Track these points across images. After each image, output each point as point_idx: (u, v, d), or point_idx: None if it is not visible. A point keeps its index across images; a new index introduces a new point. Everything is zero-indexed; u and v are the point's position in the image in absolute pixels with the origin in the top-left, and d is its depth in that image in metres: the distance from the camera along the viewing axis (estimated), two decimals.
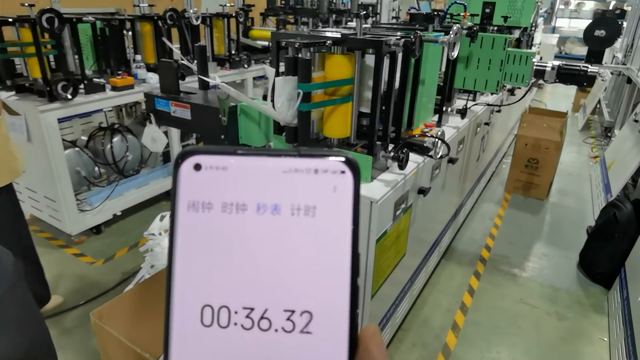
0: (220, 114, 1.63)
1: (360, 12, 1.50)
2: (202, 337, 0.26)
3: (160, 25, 3.18)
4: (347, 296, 0.26)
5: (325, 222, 0.26)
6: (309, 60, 1.39)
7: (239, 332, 0.26)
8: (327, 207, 0.26)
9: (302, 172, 0.26)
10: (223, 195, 0.26)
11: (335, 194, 0.26)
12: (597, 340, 2.32)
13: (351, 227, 0.26)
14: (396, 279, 1.99)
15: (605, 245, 2.72)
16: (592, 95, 6.62)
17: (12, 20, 2.43)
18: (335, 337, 0.26)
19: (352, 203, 0.26)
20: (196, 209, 0.26)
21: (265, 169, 0.26)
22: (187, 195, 0.26)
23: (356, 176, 0.26)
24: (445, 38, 1.71)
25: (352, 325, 0.26)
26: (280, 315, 0.26)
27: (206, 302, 0.26)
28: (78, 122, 3.26)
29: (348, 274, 0.26)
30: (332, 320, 0.26)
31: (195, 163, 0.27)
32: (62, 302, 2.35)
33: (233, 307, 0.26)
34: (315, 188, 0.26)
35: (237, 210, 0.26)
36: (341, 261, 0.26)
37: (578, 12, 14.12)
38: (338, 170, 0.26)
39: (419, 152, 1.79)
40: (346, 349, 0.26)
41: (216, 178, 0.26)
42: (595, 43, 4.58)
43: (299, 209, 0.26)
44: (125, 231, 3.08)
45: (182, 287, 0.26)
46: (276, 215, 0.26)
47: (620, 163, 3.65)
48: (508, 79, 2.39)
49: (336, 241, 0.26)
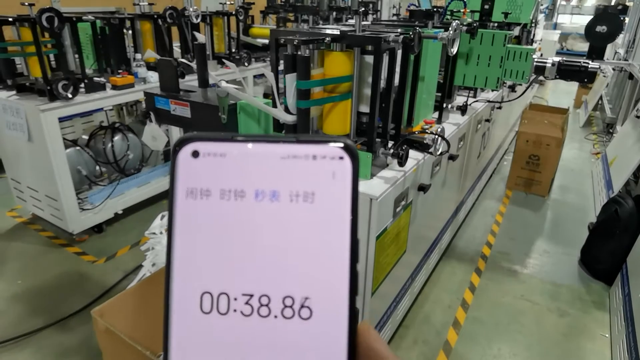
0: (219, 111, 1.63)
1: (360, 9, 1.50)
2: (201, 324, 0.26)
3: (160, 24, 3.18)
4: (347, 282, 0.26)
5: (324, 208, 0.26)
6: (308, 57, 1.38)
7: (238, 319, 0.26)
8: (326, 193, 0.26)
9: (300, 159, 0.26)
10: (221, 182, 0.26)
11: (334, 180, 0.26)
12: (598, 337, 2.32)
13: (350, 212, 0.26)
14: (397, 276, 1.99)
15: (607, 242, 2.71)
16: (593, 91, 6.60)
17: (12, 19, 2.43)
18: (335, 322, 0.26)
19: (350, 189, 0.26)
20: (194, 196, 0.26)
21: (264, 155, 0.26)
22: (185, 183, 0.26)
23: (355, 162, 0.26)
24: (444, 34, 1.70)
25: (351, 310, 0.26)
26: (280, 301, 0.26)
27: (205, 289, 0.26)
28: (79, 121, 3.26)
29: (347, 259, 0.26)
30: (332, 306, 0.26)
31: (193, 150, 0.26)
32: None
33: (232, 293, 0.26)
34: (313, 174, 0.26)
35: (235, 197, 0.26)
36: (340, 247, 0.26)
37: (580, 8, 14.06)
38: (336, 156, 0.26)
39: (419, 149, 1.79)
40: (346, 334, 0.26)
41: (214, 165, 0.26)
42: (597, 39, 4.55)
43: (297, 195, 0.26)
44: (127, 230, 3.09)
45: (181, 274, 0.26)
46: (275, 201, 0.26)
47: (622, 159, 3.64)
48: (508, 75, 2.38)
49: (335, 227, 0.26)
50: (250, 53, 3.83)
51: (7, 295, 2.42)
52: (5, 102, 2.58)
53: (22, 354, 2.06)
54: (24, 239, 2.97)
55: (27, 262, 2.73)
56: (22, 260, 2.75)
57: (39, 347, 2.09)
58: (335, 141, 0.27)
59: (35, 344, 2.11)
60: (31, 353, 2.06)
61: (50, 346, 2.10)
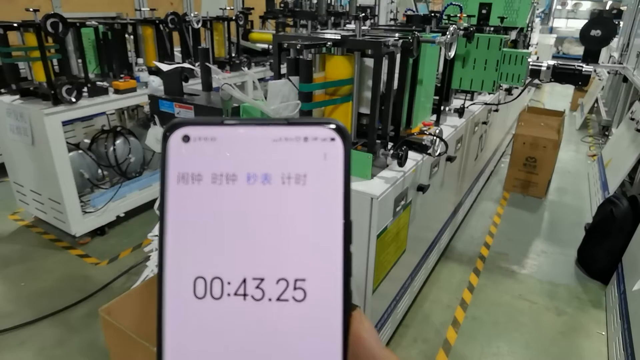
0: (223, 114, 1.67)
1: (360, 15, 1.55)
2: (195, 310, 0.26)
3: (162, 29, 3.22)
4: (340, 263, 0.26)
5: (316, 189, 0.26)
6: (310, 61, 1.43)
7: (232, 303, 0.26)
8: (318, 174, 0.26)
9: (291, 141, 0.26)
10: (212, 166, 0.26)
11: (326, 162, 0.26)
12: (595, 335, 2.35)
13: (342, 194, 0.26)
14: (397, 276, 2.03)
15: (603, 242, 2.76)
16: (589, 94, 6.67)
17: (17, 25, 2.46)
18: (329, 304, 0.26)
19: (342, 170, 0.26)
20: (186, 181, 0.26)
21: (255, 138, 0.26)
22: (177, 168, 0.26)
23: (346, 143, 0.26)
24: (442, 39, 1.75)
25: (345, 292, 0.26)
26: (274, 284, 0.26)
27: (199, 273, 0.26)
28: (80, 125, 3.29)
29: (340, 241, 0.26)
30: (326, 287, 0.26)
31: (183, 135, 0.26)
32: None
33: (226, 278, 0.26)
34: (305, 156, 0.26)
35: (227, 180, 0.26)
36: (333, 228, 0.26)
37: (575, 12, 14.20)
38: (328, 137, 0.26)
39: (418, 150, 1.83)
40: (340, 315, 0.26)
41: (205, 149, 0.26)
42: (592, 43, 4.62)
43: (289, 177, 0.26)
44: (129, 232, 3.11)
45: (173, 259, 0.26)
46: (267, 184, 0.26)
47: (617, 161, 3.69)
48: (504, 78, 2.43)
49: (328, 209, 0.26)
50: (250, 57, 3.88)
51: (11, 297, 2.45)
52: (9, 106, 2.61)
53: (26, 355, 2.08)
54: (26, 241, 3.00)
55: (30, 264, 2.75)
56: (25, 262, 2.77)
57: (42, 347, 2.12)
58: (326, 123, 0.26)
59: (39, 344, 2.13)
60: (35, 354, 2.08)
61: (53, 347, 2.12)
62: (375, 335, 0.28)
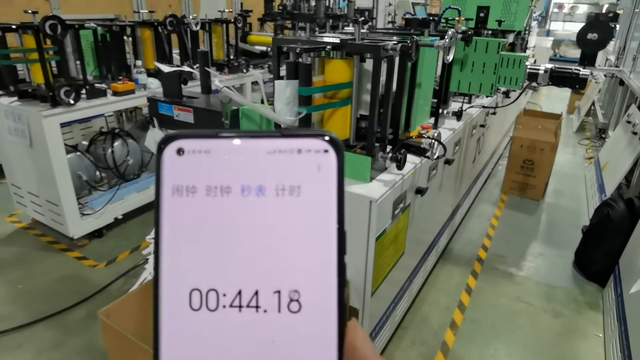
0: (222, 117, 1.67)
1: (359, 18, 1.55)
2: (191, 322, 0.26)
3: (160, 31, 3.23)
4: (335, 274, 0.26)
5: (310, 201, 0.26)
6: (310, 65, 1.43)
7: (228, 315, 0.26)
8: (312, 186, 0.26)
9: (285, 153, 0.26)
10: (207, 178, 0.26)
11: (320, 173, 0.26)
12: (592, 337, 2.36)
13: (336, 205, 0.26)
14: (395, 278, 2.03)
15: (600, 244, 2.77)
16: (586, 97, 6.70)
17: (15, 27, 2.46)
18: (324, 315, 0.26)
19: (336, 181, 0.26)
20: (180, 194, 0.26)
21: (249, 150, 0.26)
22: (171, 180, 0.26)
23: (339, 154, 0.26)
24: (440, 42, 1.76)
25: (340, 302, 0.26)
26: (269, 295, 0.26)
27: (194, 285, 0.26)
28: (77, 127, 3.29)
29: (335, 251, 0.26)
30: (321, 298, 0.26)
31: (178, 147, 0.26)
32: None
33: (221, 289, 0.26)
34: (299, 168, 0.26)
35: (221, 193, 0.26)
36: (327, 239, 0.26)
37: (572, 16, 14.28)
38: (321, 149, 0.26)
39: (416, 153, 1.84)
40: (335, 325, 0.26)
41: (199, 162, 0.26)
42: (588, 46, 4.65)
43: (283, 189, 0.26)
44: (127, 234, 3.11)
45: (169, 272, 0.26)
46: (261, 196, 0.26)
47: (614, 163, 3.71)
48: (502, 81, 2.44)
49: (322, 220, 0.26)
50: (248, 60, 3.88)
51: (9, 299, 2.44)
52: (7, 108, 2.61)
53: (24, 358, 2.07)
54: (24, 243, 2.99)
55: (27, 266, 2.74)
56: (23, 264, 2.76)
57: (40, 350, 2.11)
58: (320, 135, 0.27)
59: (36, 347, 2.12)
60: (32, 357, 2.08)
61: (51, 349, 2.11)
62: (371, 345, 0.28)
